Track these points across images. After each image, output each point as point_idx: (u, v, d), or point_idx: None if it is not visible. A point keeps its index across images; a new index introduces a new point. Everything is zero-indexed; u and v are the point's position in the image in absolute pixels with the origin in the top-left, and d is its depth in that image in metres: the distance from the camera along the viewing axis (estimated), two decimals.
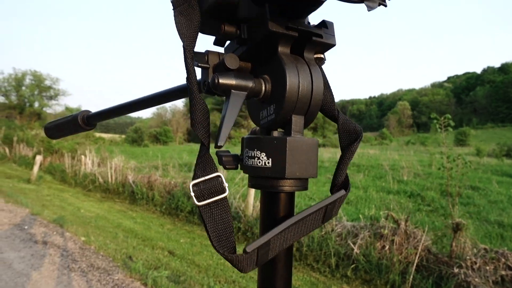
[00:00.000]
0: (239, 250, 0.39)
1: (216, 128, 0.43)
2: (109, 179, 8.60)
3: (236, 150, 0.54)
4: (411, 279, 3.61)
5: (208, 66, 0.45)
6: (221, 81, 0.41)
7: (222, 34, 0.45)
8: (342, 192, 0.46)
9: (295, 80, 0.42)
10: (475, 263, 3.53)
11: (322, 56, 0.48)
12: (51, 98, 41.95)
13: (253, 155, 0.44)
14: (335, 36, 0.46)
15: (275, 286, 0.46)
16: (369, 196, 8.01)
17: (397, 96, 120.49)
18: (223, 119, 0.41)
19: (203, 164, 0.42)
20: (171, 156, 17.63)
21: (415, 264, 3.71)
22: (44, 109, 41.47)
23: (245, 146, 0.46)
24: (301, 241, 4.45)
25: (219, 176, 0.42)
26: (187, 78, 0.41)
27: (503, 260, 3.47)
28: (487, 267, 3.46)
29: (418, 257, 3.78)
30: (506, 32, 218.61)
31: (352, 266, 3.97)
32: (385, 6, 0.39)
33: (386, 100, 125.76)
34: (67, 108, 36.21)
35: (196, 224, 5.87)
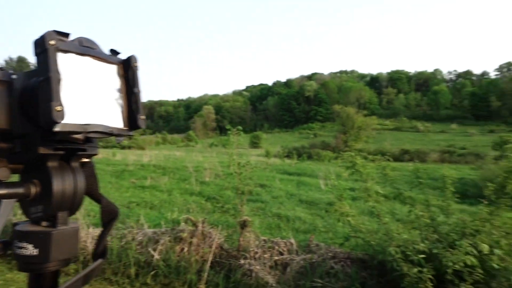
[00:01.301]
0: None
1: None
2: None
3: None
4: (206, 275, 3.92)
5: None
6: None
7: None
8: (100, 261, 0.60)
9: (60, 189, 0.53)
10: (257, 253, 4.13)
11: (88, 160, 0.60)
12: None
13: (21, 246, 0.52)
14: (98, 147, 0.59)
15: None
16: (173, 199, 8.22)
17: (203, 101, 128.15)
18: None
19: None
20: None
21: (209, 262, 4.04)
22: None
23: (15, 237, 0.53)
24: None
25: None
26: None
27: (276, 247, 4.19)
28: (265, 255, 4.11)
29: (212, 254, 4.14)
30: (290, 51, 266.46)
31: (152, 272, 3.99)
32: (131, 137, 0.58)
33: (193, 104, 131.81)
34: None
35: None
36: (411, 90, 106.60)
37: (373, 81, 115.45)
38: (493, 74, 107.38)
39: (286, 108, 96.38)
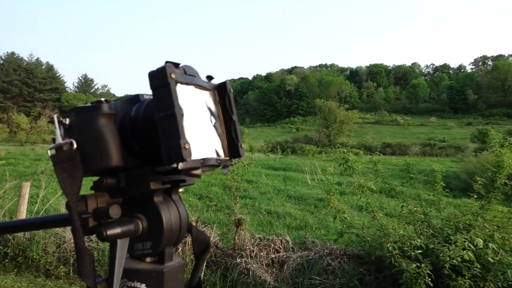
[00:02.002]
0: None
1: None
2: None
3: None
4: (202, 275, 3.88)
5: (89, 215, 0.48)
6: (109, 233, 0.46)
7: (104, 185, 0.50)
8: None
9: (169, 224, 0.51)
10: (253, 251, 4.13)
11: (182, 189, 0.58)
12: None
13: (133, 285, 0.50)
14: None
15: None
16: None
17: None
18: (113, 267, 0.46)
19: None
20: None
21: (205, 261, 4.00)
22: None
23: (124, 276, 0.50)
24: None
25: None
26: (74, 233, 0.45)
27: (272, 245, 4.19)
28: (262, 253, 4.11)
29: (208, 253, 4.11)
30: (269, 45, 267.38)
31: None
32: (232, 165, 0.54)
33: None
34: None
35: None
36: (390, 84, 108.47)
37: (353, 75, 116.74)
38: (469, 68, 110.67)
39: (267, 102, 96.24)
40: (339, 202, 4.28)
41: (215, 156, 0.51)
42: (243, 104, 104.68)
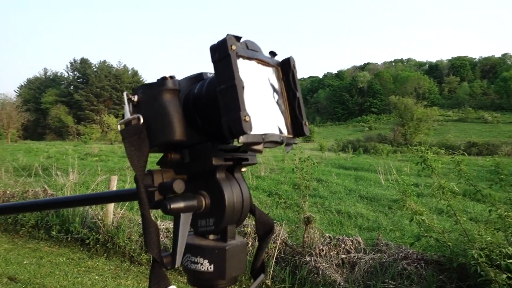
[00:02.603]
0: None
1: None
2: None
3: None
4: (271, 271, 3.93)
5: (155, 189, 0.49)
6: (172, 207, 0.47)
7: (168, 160, 0.52)
8: (262, 276, 0.59)
9: (231, 201, 0.51)
10: (322, 250, 4.06)
11: (245, 169, 0.57)
12: None
13: (196, 260, 0.51)
14: (256, 156, 0.56)
15: None
16: None
17: None
18: (176, 240, 0.47)
19: (157, 279, 0.47)
20: (3, 158, 15.00)
21: (274, 257, 4.05)
22: None
23: (188, 251, 0.52)
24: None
25: None
26: (141, 205, 0.47)
27: (343, 245, 4.09)
28: (332, 253, 4.03)
29: (277, 250, 4.14)
30: (340, 41, 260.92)
31: None
32: (296, 143, 0.52)
33: None
34: None
35: (43, 239, 5.12)
36: (476, 78, 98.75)
37: (432, 70, 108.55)
38: None
39: (338, 101, 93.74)
40: (416, 204, 4.03)
41: (277, 132, 0.49)
42: (313, 102, 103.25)
